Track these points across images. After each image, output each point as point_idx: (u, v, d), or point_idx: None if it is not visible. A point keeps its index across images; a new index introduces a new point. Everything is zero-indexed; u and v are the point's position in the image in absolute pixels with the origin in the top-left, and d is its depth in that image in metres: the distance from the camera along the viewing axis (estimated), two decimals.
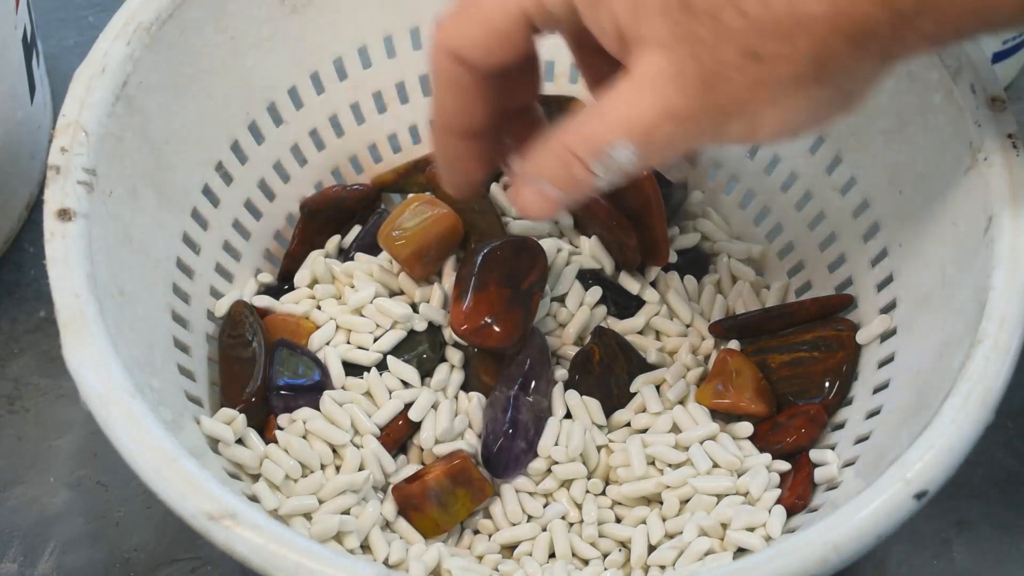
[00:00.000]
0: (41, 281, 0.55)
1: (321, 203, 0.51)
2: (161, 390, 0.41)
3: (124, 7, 0.44)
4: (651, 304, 0.49)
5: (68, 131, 0.41)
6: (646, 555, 0.43)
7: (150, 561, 0.48)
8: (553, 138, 0.38)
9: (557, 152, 0.38)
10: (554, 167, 0.38)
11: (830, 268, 0.50)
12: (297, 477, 0.44)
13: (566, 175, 0.38)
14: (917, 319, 0.44)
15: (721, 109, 0.35)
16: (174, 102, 0.46)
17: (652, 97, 0.35)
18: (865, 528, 0.34)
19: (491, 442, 0.45)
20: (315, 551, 0.34)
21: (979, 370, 0.36)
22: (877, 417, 0.43)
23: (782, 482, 0.45)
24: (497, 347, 0.46)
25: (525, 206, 0.39)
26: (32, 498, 0.50)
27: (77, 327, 0.37)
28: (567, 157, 0.37)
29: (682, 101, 0.34)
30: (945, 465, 0.35)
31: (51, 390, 0.52)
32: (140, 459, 0.35)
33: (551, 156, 0.38)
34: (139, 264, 0.43)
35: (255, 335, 0.47)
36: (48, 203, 0.39)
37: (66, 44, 0.63)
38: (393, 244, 0.48)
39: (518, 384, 0.46)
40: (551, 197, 0.39)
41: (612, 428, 0.47)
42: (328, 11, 0.50)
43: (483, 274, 0.47)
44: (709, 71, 0.34)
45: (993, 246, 0.38)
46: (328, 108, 0.52)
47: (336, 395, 0.46)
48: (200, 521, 0.34)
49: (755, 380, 0.47)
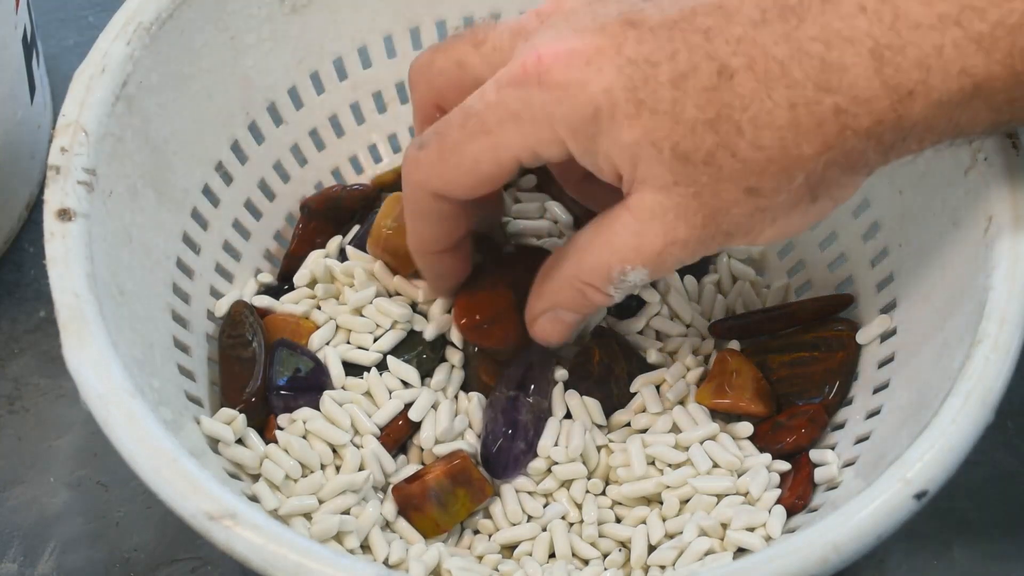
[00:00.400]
0: (41, 281, 0.55)
1: (321, 203, 0.51)
2: (161, 390, 0.41)
3: (124, 7, 0.44)
4: (651, 304, 0.49)
5: (68, 131, 0.41)
6: (646, 555, 0.43)
7: (150, 561, 0.48)
8: (562, 271, 0.40)
9: (571, 284, 0.40)
10: (571, 297, 0.41)
11: (830, 268, 0.50)
12: (297, 477, 0.44)
13: (583, 301, 0.40)
14: (917, 319, 0.44)
15: (724, 233, 0.37)
16: (174, 102, 0.46)
17: (658, 228, 0.37)
18: (865, 528, 0.34)
19: (490, 443, 0.45)
20: (315, 551, 0.34)
21: (979, 370, 0.36)
22: (877, 417, 0.43)
23: (782, 482, 0.45)
24: (493, 349, 0.46)
25: (546, 336, 0.43)
26: (32, 498, 0.50)
27: (77, 327, 0.37)
28: (581, 287, 0.40)
29: (687, 232, 0.37)
30: (945, 465, 0.35)
31: (51, 390, 0.52)
32: (140, 459, 0.35)
33: (566, 288, 0.40)
34: (139, 264, 0.43)
35: (255, 335, 0.47)
36: (48, 203, 0.39)
37: (66, 44, 0.63)
38: (384, 249, 0.48)
39: (518, 384, 0.46)
40: (569, 322, 0.42)
41: (612, 428, 0.47)
42: (328, 11, 0.50)
43: (495, 275, 0.47)
44: (710, 207, 0.36)
45: (993, 246, 0.38)
46: (328, 108, 0.52)
47: (336, 395, 0.46)
48: (200, 521, 0.34)
49: (755, 380, 0.47)
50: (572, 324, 0.42)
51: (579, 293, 0.40)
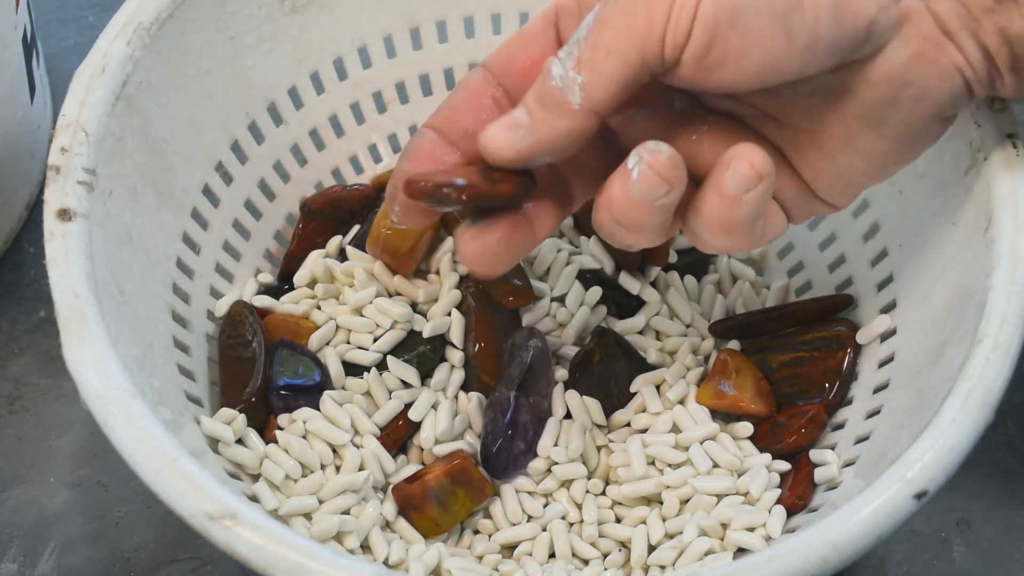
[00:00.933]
0: (41, 281, 0.55)
1: (321, 203, 0.51)
2: (161, 390, 0.41)
3: (124, 7, 0.44)
4: (651, 304, 0.49)
5: (68, 131, 0.41)
6: (646, 555, 0.43)
7: (150, 561, 0.48)
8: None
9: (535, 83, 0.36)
10: (531, 93, 0.36)
11: (830, 268, 0.50)
12: (297, 477, 0.44)
13: (536, 81, 0.35)
14: (917, 319, 0.44)
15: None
16: (174, 102, 0.46)
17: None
18: (865, 528, 0.34)
19: (490, 443, 0.45)
20: (315, 551, 0.34)
21: (979, 370, 0.36)
22: (877, 417, 0.43)
23: (782, 482, 0.45)
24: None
25: (485, 132, 0.36)
26: (32, 498, 0.50)
27: (77, 327, 0.37)
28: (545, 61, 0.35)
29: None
30: (945, 465, 0.35)
31: (51, 390, 0.52)
32: (140, 459, 0.35)
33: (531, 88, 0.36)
34: (139, 264, 0.43)
35: (255, 335, 0.47)
36: (48, 203, 0.39)
37: (66, 44, 0.63)
38: (384, 249, 0.48)
39: (518, 384, 0.46)
40: (512, 116, 0.36)
41: (612, 428, 0.47)
42: (328, 11, 0.50)
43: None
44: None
45: (993, 246, 0.38)
46: (328, 108, 0.52)
47: (336, 395, 0.46)
48: (200, 521, 0.34)
49: (755, 380, 0.47)
50: (512, 119, 0.36)
51: (538, 83, 0.35)
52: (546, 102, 0.35)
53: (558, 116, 0.35)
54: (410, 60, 0.53)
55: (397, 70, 0.53)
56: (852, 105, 0.36)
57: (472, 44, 0.53)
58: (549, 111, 0.35)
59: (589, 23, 0.34)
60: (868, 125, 0.36)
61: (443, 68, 0.54)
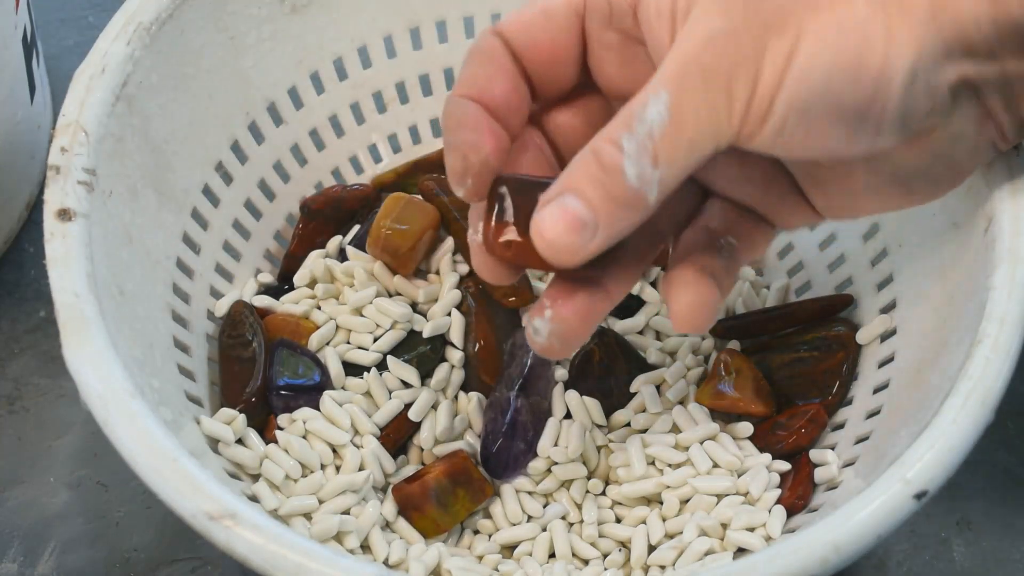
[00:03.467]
0: (41, 281, 0.55)
1: (321, 203, 0.51)
2: (161, 390, 0.41)
3: (124, 7, 0.44)
4: (651, 304, 0.49)
5: (68, 131, 0.41)
6: (646, 555, 0.43)
7: (150, 561, 0.48)
8: (583, 150, 0.34)
9: (585, 155, 0.33)
10: (582, 170, 0.33)
11: (830, 268, 0.50)
12: (297, 477, 0.44)
13: (594, 170, 0.33)
14: (917, 319, 0.44)
15: (761, 24, 0.32)
16: (174, 102, 0.46)
17: (690, 29, 0.33)
18: (865, 528, 0.34)
19: (490, 443, 0.45)
20: (315, 551, 0.34)
21: (979, 370, 0.36)
22: (877, 417, 0.43)
23: (782, 482, 0.45)
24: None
25: (543, 230, 0.33)
26: (32, 498, 0.49)
27: (77, 327, 0.37)
28: (596, 147, 0.33)
29: (723, 20, 0.32)
30: (945, 465, 0.35)
31: (51, 390, 0.52)
32: (140, 459, 0.35)
33: (581, 161, 0.33)
34: (139, 264, 0.43)
35: (255, 335, 0.47)
36: (48, 203, 0.39)
37: (66, 44, 0.63)
38: (384, 249, 0.48)
39: (518, 385, 0.46)
40: (573, 213, 0.33)
41: (612, 428, 0.47)
42: (328, 11, 0.50)
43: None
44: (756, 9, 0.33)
45: (993, 246, 0.38)
46: (328, 108, 0.52)
47: (336, 395, 0.46)
48: (200, 521, 0.34)
49: (755, 380, 0.47)
50: (575, 221, 0.33)
51: (592, 159, 0.33)
52: (620, 201, 0.33)
53: (634, 212, 0.33)
54: (410, 60, 0.53)
55: (397, 70, 0.53)
56: (887, 167, 0.36)
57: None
58: (624, 209, 0.33)
59: (663, 117, 0.32)
60: (898, 183, 0.37)
61: (443, 68, 0.54)
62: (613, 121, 0.33)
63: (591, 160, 0.33)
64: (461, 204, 0.50)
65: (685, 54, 0.33)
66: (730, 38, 0.32)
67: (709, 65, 0.32)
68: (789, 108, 0.33)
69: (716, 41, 0.32)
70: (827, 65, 0.33)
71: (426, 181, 0.51)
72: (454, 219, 0.49)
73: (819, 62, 0.32)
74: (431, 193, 0.50)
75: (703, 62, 0.32)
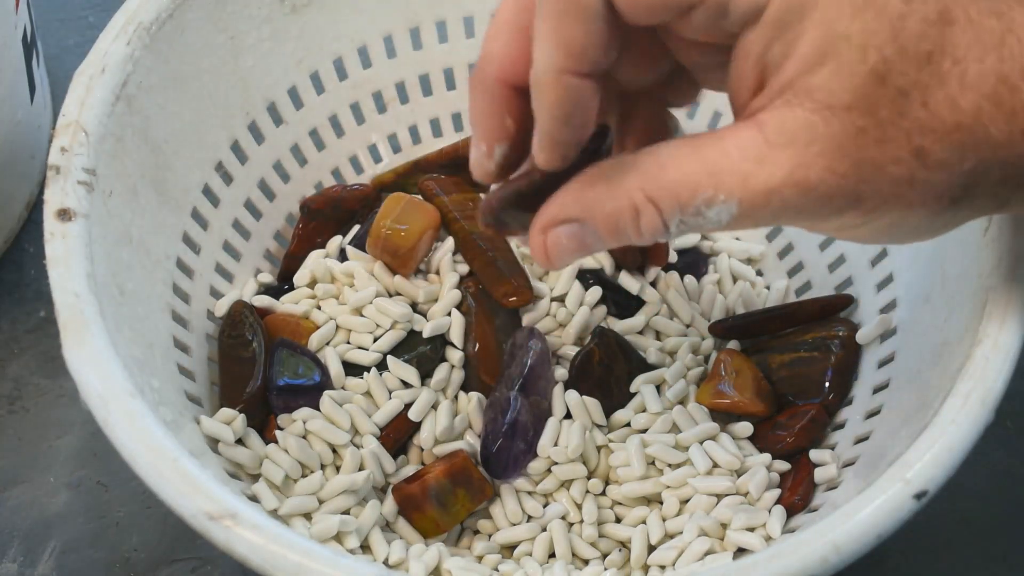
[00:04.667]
0: (41, 281, 0.55)
1: (321, 203, 0.51)
2: (161, 390, 0.41)
3: (124, 7, 0.44)
4: (651, 304, 0.49)
5: (68, 131, 0.41)
6: (646, 555, 0.43)
7: (150, 561, 0.48)
8: (623, 179, 0.32)
9: (628, 195, 0.31)
10: (617, 211, 0.32)
11: (830, 268, 0.50)
12: (297, 477, 0.44)
13: (627, 223, 0.32)
14: (917, 319, 0.44)
15: (855, 196, 0.31)
16: (174, 102, 0.46)
17: (788, 158, 0.30)
18: (865, 528, 0.34)
19: (490, 443, 0.45)
20: (315, 551, 0.34)
21: (979, 370, 0.36)
22: (877, 417, 0.43)
23: (782, 482, 0.45)
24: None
25: (549, 251, 0.33)
26: (32, 498, 0.49)
27: (77, 327, 0.37)
28: (641, 202, 0.31)
29: (820, 175, 0.30)
30: (945, 465, 0.35)
31: (51, 390, 0.52)
32: (140, 459, 0.35)
33: (618, 199, 0.32)
34: (139, 264, 0.43)
35: (255, 335, 0.47)
36: (48, 203, 0.39)
37: (66, 44, 0.63)
38: (384, 249, 0.48)
39: (518, 385, 0.46)
40: (586, 245, 0.33)
41: (612, 428, 0.47)
42: (328, 11, 0.50)
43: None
44: (867, 156, 0.30)
45: (993, 246, 0.38)
46: (328, 108, 0.52)
47: (336, 395, 0.46)
48: (200, 521, 0.34)
49: (755, 380, 0.47)
50: (586, 249, 0.33)
51: (631, 209, 0.31)
52: (631, 242, 0.33)
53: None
54: (410, 60, 0.53)
55: (397, 70, 0.53)
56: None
57: (472, 44, 0.53)
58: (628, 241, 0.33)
59: (721, 223, 0.32)
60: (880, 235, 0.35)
61: (443, 68, 0.54)
62: (667, 177, 0.31)
63: (628, 211, 0.32)
64: (461, 204, 0.50)
65: (770, 177, 0.30)
66: (818, 199, 0.31)
67: (785, 206, 0.31)
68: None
69: (806, 189, 0.31)
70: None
71: (426, 181, 0.51)
72: (454, 219, 0.49)
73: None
74: (431, 193, 0.50)
75: (785, 197, 0.31)
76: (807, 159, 0.30)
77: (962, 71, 0.30)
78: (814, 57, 0.30)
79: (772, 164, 0.30)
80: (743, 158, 0.31)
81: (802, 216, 0.31)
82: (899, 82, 0.30)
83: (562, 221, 0.33)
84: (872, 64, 0.30)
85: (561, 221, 0.33)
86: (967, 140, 0.30)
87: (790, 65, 0.30)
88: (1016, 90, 0.30)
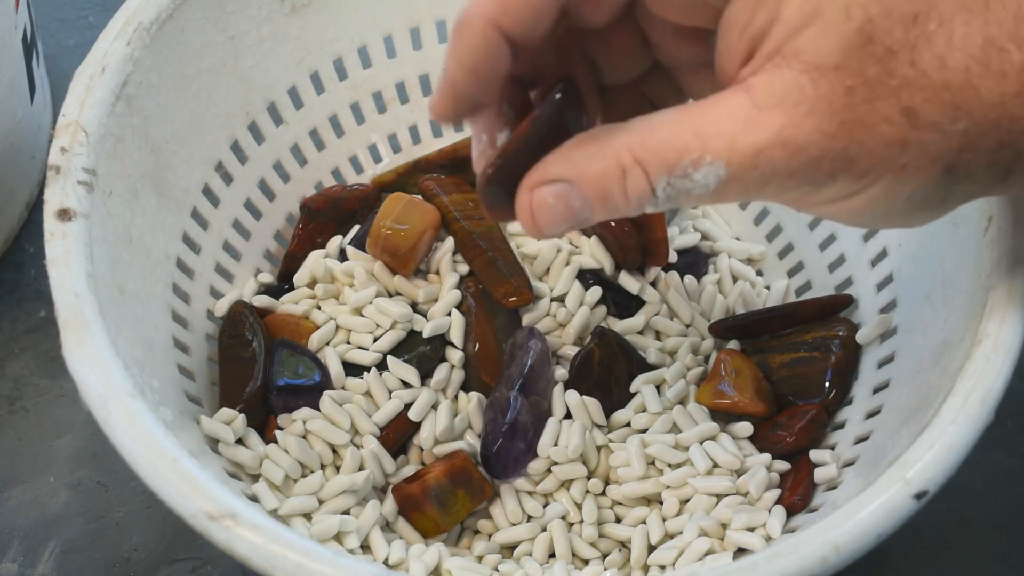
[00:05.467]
0: (41, 281, 0.55)
1: (321, 203, 0.51)
2: (161, 390, 0.41)
3: (124, 7, 0.44)
4: (651, 304, 0.49)
5: (68, 131, 0.41)
6: (646, 555, 0.43)
7: (150, 561, 0.48)
8: (612, 140, 0.32)
9: (617, 156, 0.31)
10: (604, 173, 0.31)
11: (830, 268, 0.50)
12: (297, 477, 0.44)
13: (615, 186, 0.31)
14: (917, 319, 0.44)
15: (846, 157, 0.31)
16: (174, 102, 0.46)
17: (777, 118, 0.30)
18: (865, 528, 0.34)
19: (490, 443, 0.45)
20: (315, 551, 0.34)
21: (979, 370, 0.36)
22: (877, 417, 0.43)
23: (782, 482, 0.45)
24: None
25: (534, 214, 0.32)
26: (32, 498, 0.50)
27: (77, 327, 0.37)
28: (629, 164, 0.31)
29: (809, 134, 0.30)
30: (945, 465, 0.35)
31: (51, 390, 0.52)
32: (140, 459, 0.35)
33: (607, 159, 0.31)
34: (139, 264, 0.43)
35: (255, 335, 0.47)
36: (48, 203, 0.39)
37: (66, 44, 0.63)
38: (384, 249, 0.48)
39: (518, 385, 0.46)
40: (574, 209, 0.32)
41: (612, 428, 0.47)
42: (328, 11, 0.50)
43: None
44: (856, 115, 0.30)
45: (993, 246, 0.38)
46: (328, 108, 0.52)
47: (336, 395, 0.46)
48: (200, 521, 0.34)
49: (755, 380, 0.47)
50: (576, 215, 0.32)
51: (618, 169, 0.31)
52: (620, 213, 0.32)
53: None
54: (410, 60, 0.53)
55: (397, 70, 0.53)
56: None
57: None
58: (619, 214, 0.33)
59: (709, 188, 0.31)
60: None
61: (443, 68, 0.53)
62: (655, 138, 0.31)
63: (615, 170, 0.31)
64: (461, 204, 0.50)
65: (756, 137, 0.30)
66: (806, 160, 0.31)
67: (774, 167, 0.31)
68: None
69: (794, 149, 0.31)
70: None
71: (426, 181, 0.51)
72: (454, 219, 0.49)
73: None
74: (431, 193, 0.50)
75: (773, 159, 0.31)
76: (796, 119, 0.30)
77: (948, 32, 0.30)
78: (799, 19, 0.30)
79: (760, 125, 0.30)
80: (731, 119, 0.31)
81: (792, 181, 0.31)
82: (886, 41, 0.30)
83: (549, 181, 0.32)
84: (858, 23, 0.30)
85: (548, 181, 0.32)
86: (958, 100, 0.30)
87: (776, 30, 0.31)
88: (1004, 51, 0.30)
